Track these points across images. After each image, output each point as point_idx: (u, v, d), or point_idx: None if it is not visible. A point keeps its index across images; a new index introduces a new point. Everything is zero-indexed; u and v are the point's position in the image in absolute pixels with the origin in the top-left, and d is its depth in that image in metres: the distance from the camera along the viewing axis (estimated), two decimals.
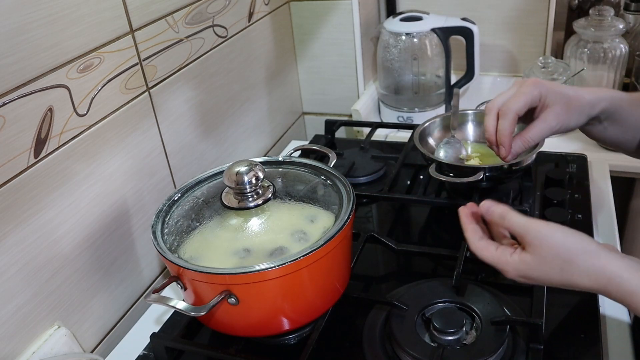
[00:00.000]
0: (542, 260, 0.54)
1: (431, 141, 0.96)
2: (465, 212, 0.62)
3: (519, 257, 0.55)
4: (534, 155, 0.85)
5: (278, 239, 0.64)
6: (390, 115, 1.27)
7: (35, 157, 0.64)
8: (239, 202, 0.66)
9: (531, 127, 0.65)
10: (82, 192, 0.71)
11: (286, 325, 0.65)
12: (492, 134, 0.66)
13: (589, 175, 0.96)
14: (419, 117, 1.22)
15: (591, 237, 0.55)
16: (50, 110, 0.65)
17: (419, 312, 0.68)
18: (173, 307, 0.59)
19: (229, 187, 0.66)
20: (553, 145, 1.07)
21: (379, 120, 1.29)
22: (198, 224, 0.67)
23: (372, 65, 1.33)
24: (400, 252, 0.80)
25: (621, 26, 1.12)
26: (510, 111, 0.64)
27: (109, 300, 0.78)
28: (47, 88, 0.64)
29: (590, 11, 1.15)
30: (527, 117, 0.68)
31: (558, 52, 1.29)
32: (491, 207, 0.59)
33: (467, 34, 1.16)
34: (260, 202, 0.66)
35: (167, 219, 0.68)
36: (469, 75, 1.21)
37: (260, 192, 0.66)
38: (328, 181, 0.72)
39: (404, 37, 1.20)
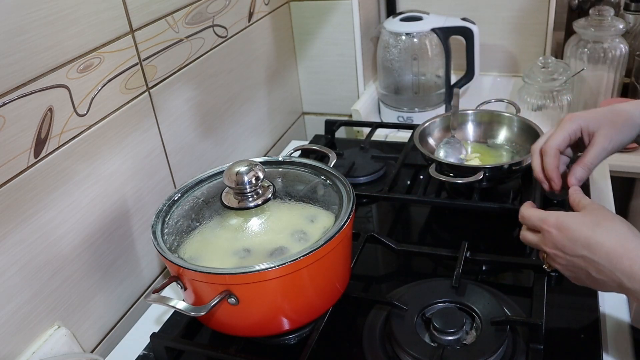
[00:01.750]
0: (585, 214, 0.59)
1: (431, 141, 0.96)
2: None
3: (566, 213, 0.60)
4: None
5: (278, 239, 0.64)
6: (390, 115, 1.27)
7: (35, 157, 0.64)
8: (239, 202, 0.66)
9: (586, 152, 0.68)
10: (82, 192, 0.71)
11: (286, 325, 0.65)
12: (539, 172, 0.70)
13: (589, 175, 0.95)
14: (419, 117, 1.22)
15: None
16: (50, 110, 0.65)
17: (419, 312, 0.68)
18: (173, 307, 0.59)
19: (229, 187, 0.66)
20: None
21: (379, 120, 1.29)
22: (198, 224, 0.67)
23: (372, 65, 1.33)
24: (400, 252, 0.80)
25: (621, 26, 1.12)
26: (551, 148, 0.68)
27: (109, 300, 0.78)
28: (47, 88, 0.64)
29: (590, 11, 1.15)
30: (581, 148, 0.71)
31: (558, 52, 1.29)
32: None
33: (467, 34, 1.16)
34: (260, 202, 0.66)
35: (167, 219, 0.68)
36: (469, 75, 1.21)
37: (260, 192, 0.66)
38: (328, 181, 0.72)
39: (404, 37, 1.20)
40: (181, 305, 0.59)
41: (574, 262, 0.59)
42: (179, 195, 0.72)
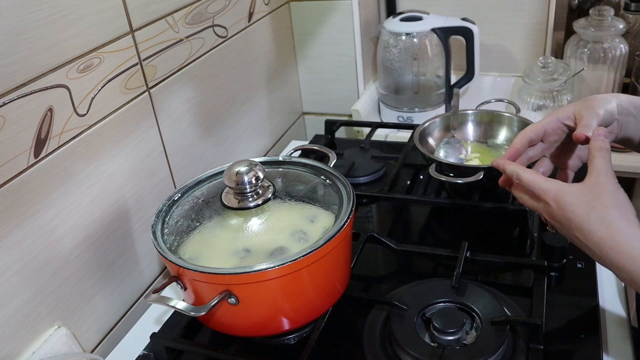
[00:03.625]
0: (586, 188, 0.57)
1: (431, 141, 0.96)
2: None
3: (566, 187, 0.59)
4: None
5: (278, 239, 0.64)
6: (390, 115, 1.27)
7: (35, 157, 0.64)
8: (239, 202, 0.66)
9: (580, 121, 0.65)
10: (82, 192, 0.71)
11: (286, 325, 0.65)
12: (501, 160, 0.69)
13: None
14: (419, 117, 1.22)
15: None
16: (50, 110, 0.65)
17: (419, 312, 0.68)
18: (173, 307, 0.59)
19: (229, 187, 0.66)
20: None
21: (379, 120, 1.29)
22: (198, 224, 0.67)
23: (372, 65, 1.33)
24: (400, 252, 0.80)
25: (621, 26, 1.12)
26: (522, 134, 0.68)
27: (109, 300, 0.78)
28: (47, 88, 0.64)
29: (590, 11, 1.15)
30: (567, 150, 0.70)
31: (558, 52, 1.29)
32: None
33: (467, 34, 1.16)
34: (260, 202, 0.66)
35: (167, 219, 0.68)
36: (469, 75, 1.21)
37: (260, 192, 0.66)
38: (328, 181, 0.72)
39: (404, 37, 1.20)
40: (181, 305, 0.59)
41: (571, 237, 0.59)
42: (179, 195, 0.72)
